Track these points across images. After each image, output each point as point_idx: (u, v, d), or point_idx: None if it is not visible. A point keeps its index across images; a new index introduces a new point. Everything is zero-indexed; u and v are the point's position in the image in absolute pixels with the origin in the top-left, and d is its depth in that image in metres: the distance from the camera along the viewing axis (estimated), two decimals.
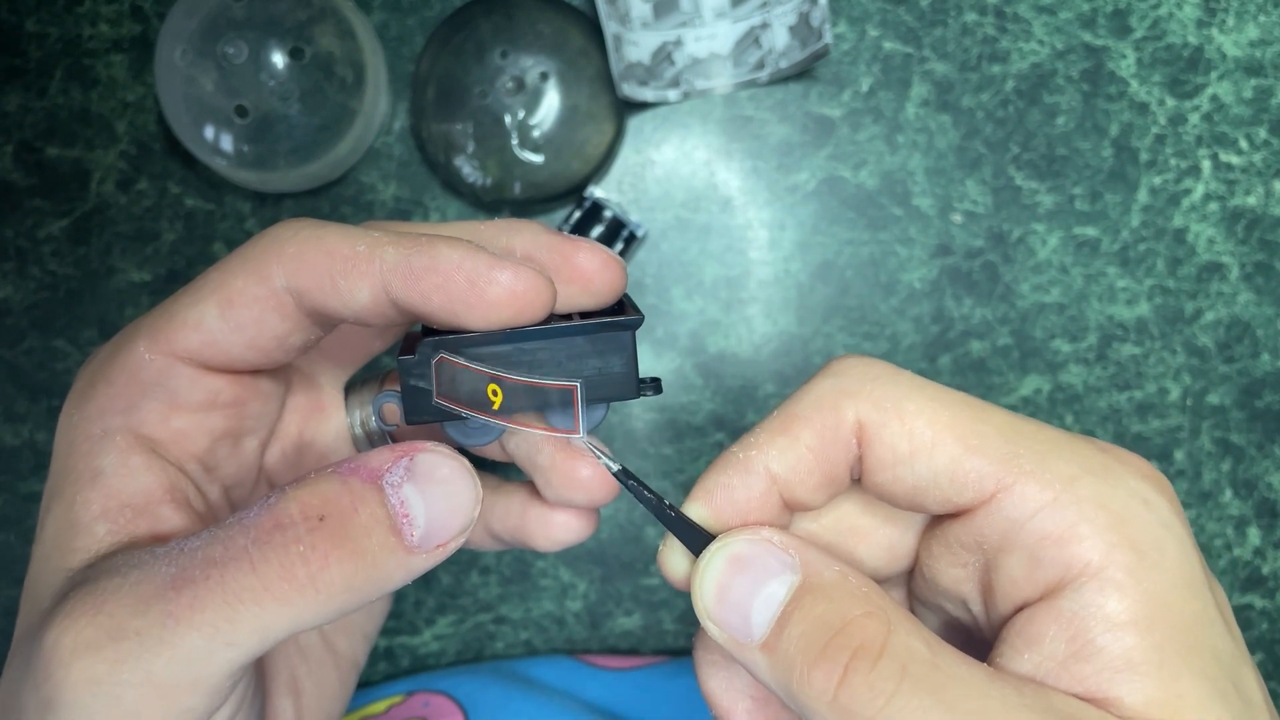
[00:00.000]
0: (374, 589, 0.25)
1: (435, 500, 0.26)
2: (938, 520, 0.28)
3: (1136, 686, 0.24)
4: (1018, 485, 0.25)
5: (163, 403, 0.28)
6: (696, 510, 0.27)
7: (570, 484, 0.31)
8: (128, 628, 0.24)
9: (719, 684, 0.29)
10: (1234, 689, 0.24)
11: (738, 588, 0.26)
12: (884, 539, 0.30)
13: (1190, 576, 0.25)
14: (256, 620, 0.24)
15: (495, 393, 0.28)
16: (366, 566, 0.25)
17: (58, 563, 0.27)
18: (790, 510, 0.28)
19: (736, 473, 0.27)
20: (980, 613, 0.28)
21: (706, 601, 0.26)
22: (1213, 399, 0.50)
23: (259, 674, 0.30)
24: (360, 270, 0.26)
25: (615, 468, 0.28)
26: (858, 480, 0.28)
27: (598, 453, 0.29)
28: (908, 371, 0.27)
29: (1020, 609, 0.26)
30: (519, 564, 0.51)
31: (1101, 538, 0.24)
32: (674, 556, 0.28)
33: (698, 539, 0.27)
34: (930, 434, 0.26)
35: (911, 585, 0.31)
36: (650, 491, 0.28)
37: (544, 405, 0.28)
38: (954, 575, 0.28)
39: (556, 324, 0.28)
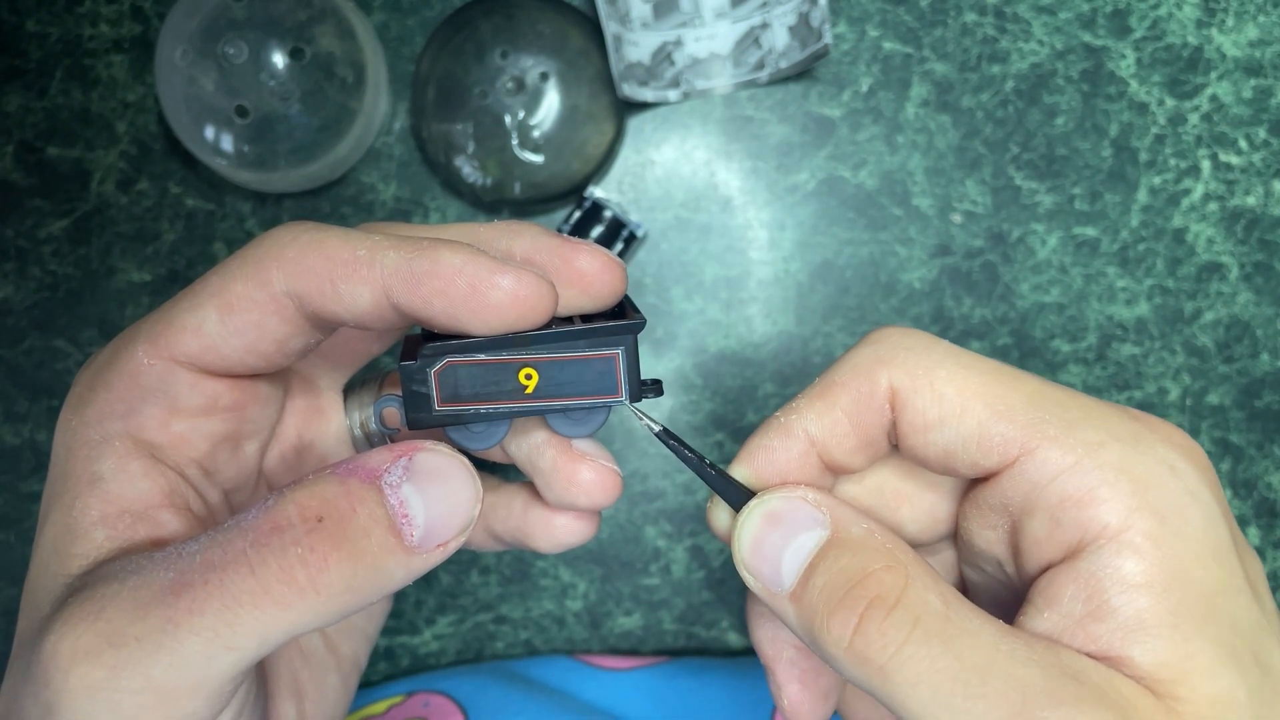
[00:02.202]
0: (374, 590, 0.25)
1: (435, 500, 0.25)
2: (971, 484, 0.29)
3: (1148, 647, 0.24)
4: (1041, 449, 0.26)
5: (162, 407, 0.28)
6: (740, 471, 0.29)
7: (571, 487, 0.31)
8: (126, 633, 0.24)
9: (765, 634, 0.30)
10: (1252, 658, 0.25)
11: (771, 540, 0.27)
12: (925, 503, 0.31)
13: (1216, 544, 0.25)
14: (256, 623, 0.24)
15: (529, 376, 0.28)
16: (366, 567, 0.24)
17: (56, 569, 0.27)
18: (833, 473, 0.29)
19: (777, 435, 0.29)
20: (1013, 573, 0.29)
21: (743, 552, 0.28)
22: (1212, 399, 0.50)
23: (261, 677, 0.30)
24: (361, 275, 0.26)
25: (658, 429, 0.29)
26: (897, 446, 0.29)
27: (640, 415, 0.29)
28: (944, 341, 0.28)
29: (1044, 570, 0.27)
30: (519, 564, 0.51)
31: (1122, 502, 0.25)
32: (719, 512, 0.29)
33: (739, 496, 0.28)
34: (959, 400, 0.27)
35: (957, 547, 0.32)
36: (692, 451, 0.29)
37: (543, 410, 0.28)
38: (986, 537, 0.29)
39: (558, 328, 0.28)
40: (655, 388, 0.30)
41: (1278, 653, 0.25)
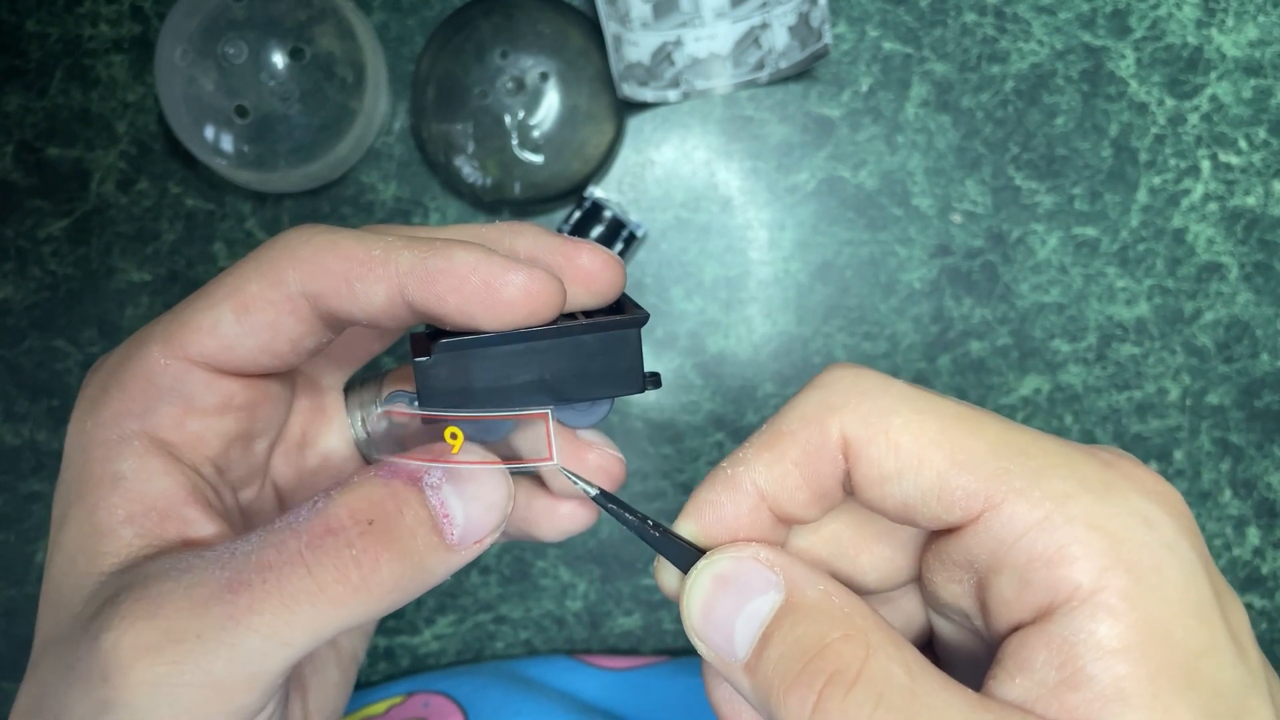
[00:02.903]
0: (419, 587, 0.26)
1: (472, 499, 0.27)
2: (934, 534, 0.27)
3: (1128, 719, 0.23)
4: (1006, 504, 0.24)
5: (178, 406, 0.29)
6: (687, 527, 0.27)
7: (578, 473, 0.31)
8: (187, 630, 0.25)
9: (723, 694, 0.29)
10: None
11: (721, 606, 0.26)
12: (885, 550, 0.29)
13: (1196, 601, 0.24)
14: (311, 621, 0.25)
15: (454, 435, 0.28)
16: (413, 566, 0.26)
17: (85, 567, 0.27)
18: (785, 524, 0.28)
19: (724, 489, 0.27)
20: (981, 628, 0.27)
21: (693, 619, 0.26)
22: (1212, 399, 0.50)
23: None
24: (376, 273, 0.27)
25: (594, 492, 0.28)
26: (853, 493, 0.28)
27: (574, 478, 0.29)
28: (900, 382, 0.26)
29: (1015, 628, 0.25)
30: (519, 564, 0.51)
31: (1094, 560, 0.23)
32: (667, 573, 0.27)
33: (686, 556, 0.27)
34: (916, 450, 0.25)
35: (922, 594, 0.30)
36: (633, 513, 0.27)
37: (551, 403, 0.28)
38: (952, 590, 0.27)
39: (564, 323, 0.28)
40: (655, 380, 0.30)
41: (1264, 712, 0.24)
